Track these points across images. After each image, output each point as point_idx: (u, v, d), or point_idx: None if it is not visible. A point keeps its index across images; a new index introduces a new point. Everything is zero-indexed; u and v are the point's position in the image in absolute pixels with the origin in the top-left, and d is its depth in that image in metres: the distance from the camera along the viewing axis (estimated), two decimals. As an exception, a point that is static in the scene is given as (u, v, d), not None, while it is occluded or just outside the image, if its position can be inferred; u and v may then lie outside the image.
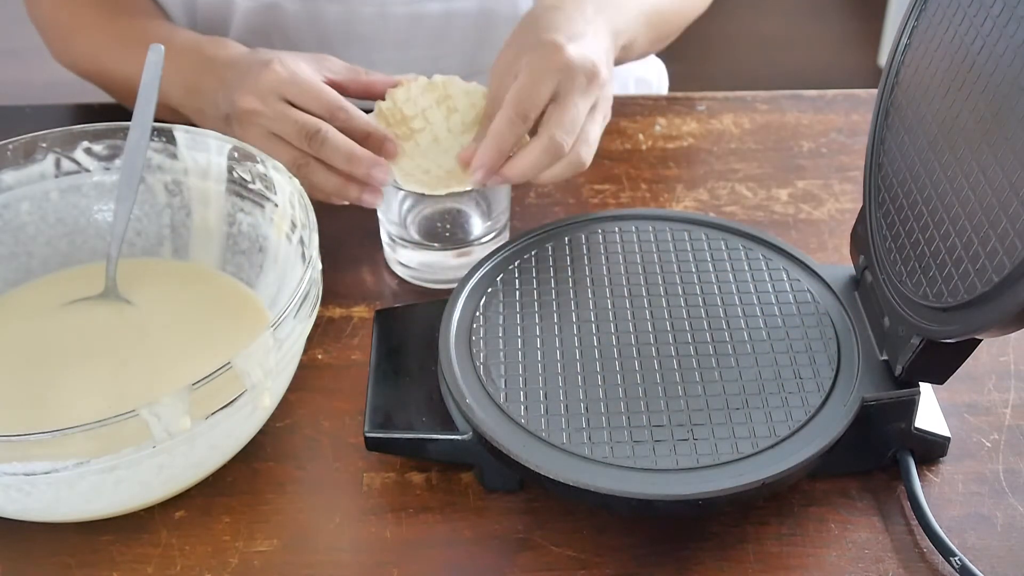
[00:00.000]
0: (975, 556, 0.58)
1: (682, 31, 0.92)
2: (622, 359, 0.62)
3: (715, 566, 0.58)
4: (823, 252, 0.78)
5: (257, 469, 0.63)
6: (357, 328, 0.72)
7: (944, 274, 0.55)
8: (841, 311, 0.65)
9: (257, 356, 0.56)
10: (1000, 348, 0.70)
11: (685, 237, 0.70)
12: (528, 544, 0.59)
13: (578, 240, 0.70)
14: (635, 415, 0.59)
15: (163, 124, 0.69)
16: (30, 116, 0.90)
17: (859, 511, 0.60)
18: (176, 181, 0.71)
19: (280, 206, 0.67)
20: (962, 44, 0.56)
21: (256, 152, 0.67)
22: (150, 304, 0.69)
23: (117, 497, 0.57)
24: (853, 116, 0.91)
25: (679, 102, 0.94)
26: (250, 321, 0.68)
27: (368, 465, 0.63)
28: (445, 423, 0.61)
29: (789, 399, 0.60)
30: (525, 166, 0.69)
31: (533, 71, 0.69)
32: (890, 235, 0.62)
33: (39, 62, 0.91)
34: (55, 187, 0.71)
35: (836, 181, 0.84)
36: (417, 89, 0.73)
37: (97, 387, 0.63)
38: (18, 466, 0.52)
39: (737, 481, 0.55)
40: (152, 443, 0.54)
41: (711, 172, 0.85)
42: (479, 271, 0.68)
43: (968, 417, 0.66)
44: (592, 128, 0.71)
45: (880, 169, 0.64)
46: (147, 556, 0.58)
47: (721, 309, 0.65)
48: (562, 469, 0.56)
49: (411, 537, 0.59)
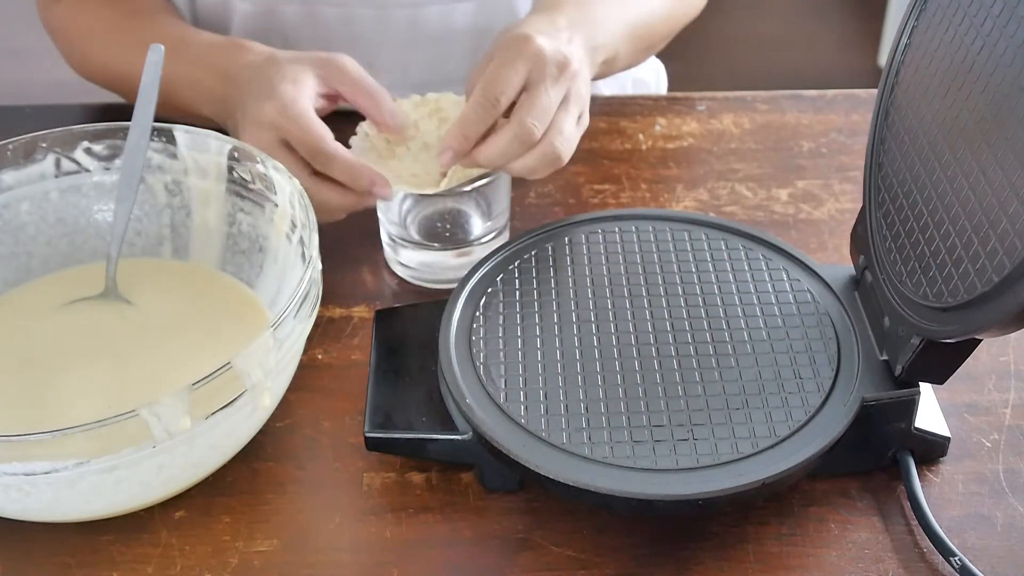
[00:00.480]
0: (975, 556, 0.58)
1: (674, 36, 0.92)
2: (622, 359, 0.62)
3: (715, 566, 0.58)
4: (823, 252, 0.78)
5: (257, 469, 0.63)
6: (357, 328, 0.72)
7: (944, 274, 0.55)
8: (841, 311, 0.65)
9: (257, 356, 0.56)
10: (1000, 348, 0.70)
11: (685, 237, 0.70)
12: (528, 544, 0.59)
13: (578, 240, 0.70)
14: (635, 415, 0.59)
15: (163, 124, 0.69)
16: (30, 116, 0.90)
17: (859, 511, 0.60)
18: (176, 181, 0.71)
19: (280, 206, 0.67)
20: (962, 44, 0.56)
21: (256, 152, 0.67)
22: (150, 304, 0.69)
23: (117, 497, 0.57)
24: (853, 116, 0.91)
25: (679, 102, 0.94)
26: (250, 321, 0.68)
27: (368, 465, 0.63)
28: (445, 423, 0.61)
29: (789, 399, 0.60)
30: (495, 151, 0.69)
31: (503, 59, 0.70)
32: (890, 235, 0.62)
33: (39, 62, 0.92)
34: (55, 187, 0.71)
35: (836, 181, 0.84)
36: (409, 105, 0.74)
37: (97, 387, 0.63)
38: (18, 466, 0.52)
39: (737, 481, 0.55)
40: (152, 443, 0.54)
41: (711, 172, 0.86)
42: (479, 271, 0.68)
43: (968, 417, 0.66)
44: (565, 119, 0.71)
45: (880, 169, 0.64)
46: (147, 556, 0.58)
47: (721, 309, 0.65)
48: (562, 469, 0.56)
49: (411, 537, 0.59)
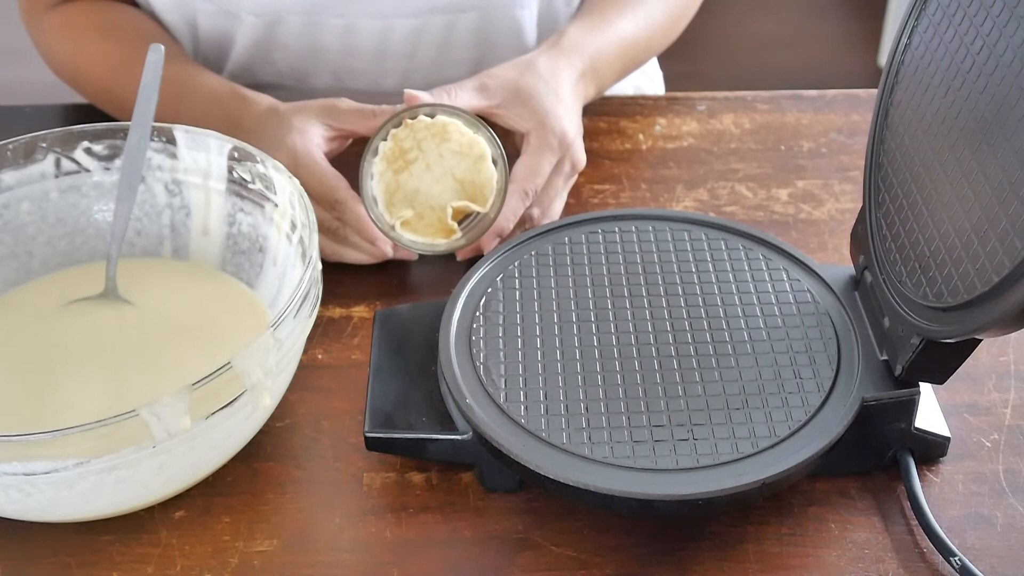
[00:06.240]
0: (975, 556, 0.58)
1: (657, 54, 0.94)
2: (622, 359, 0.62)
3: (715, 566, 0.58)
4: (823, 252, 0.78)
5: (257, 469, 0.63)
6: (357, 328, 0.72)
7: (944, 274, 0.55)
8: (841, 311, 0.65)
9: (257, 356, 0.56)
10: (1000, 348, 0.70)
11: (685, 237, 0.70)
12: (528, 544, 0.59)
13: (578, 240, 0.70)
14: (635, 415, 0.59)
15: (163, 124, 0.69)
16: (30, 116, 0.90)
17: (859, 511, 0.60)
18: (176, 181, 0.71)
19: (280, 206, 0.67)
20: (962, 44, 0.56)
21: (256, 152, 0.67)
22: (150, 304, 0.69)
23: (117, 497, 0.57)
24: (853, 116, 0.91)
25: (679, 102, 0.94)
26: (250, 321, 0.68)
27: (368, 465, 0.63)
28: (445, 423, 0.61)
29: (789, 399, 0.60)
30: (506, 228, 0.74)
31: (536, 150, 0.75)
32: (890, 235, 0.62)
33: (39, 62, 0.91)
34: (55, 187, 0.71)
35: (836, 181, 0.84)
36: (420, 126, 0.73)
37: (97, 387, 0.63)
38: (18, 466, 0.52)
39: (737, 481, 0.55)
40: (152, 443, 0.54)
41: (711, 172, 0.85)
42: (479, 271, 0.68)
43: (968, 417, 0.66)
44: (562, 192, 0.79)
45: (880, 169, 0.64)
46: (147, 556, 0.58)
47: (721, 309, 0.65)
48: (562, 469, 0.56)
49: (411, 537, 0.59)
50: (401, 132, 0.72)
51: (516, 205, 0.74)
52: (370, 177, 0.73)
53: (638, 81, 1.05)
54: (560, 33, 0.82)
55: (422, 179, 0.73)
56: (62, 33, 0.88)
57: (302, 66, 0.91)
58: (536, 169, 0.74)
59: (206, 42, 0.90)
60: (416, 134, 0.72)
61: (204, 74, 0.82)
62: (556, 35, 0.82)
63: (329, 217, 0.73)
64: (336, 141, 0.76)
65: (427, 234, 0.74)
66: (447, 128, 0.72)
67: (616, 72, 0.86)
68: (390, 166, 0.72)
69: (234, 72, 0.92)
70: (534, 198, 0.75)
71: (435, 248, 0.73)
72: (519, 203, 0.74)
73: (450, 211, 0.73)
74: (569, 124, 0.76)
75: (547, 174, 0.75)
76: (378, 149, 0.72)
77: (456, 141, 0.72)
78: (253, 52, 0.90)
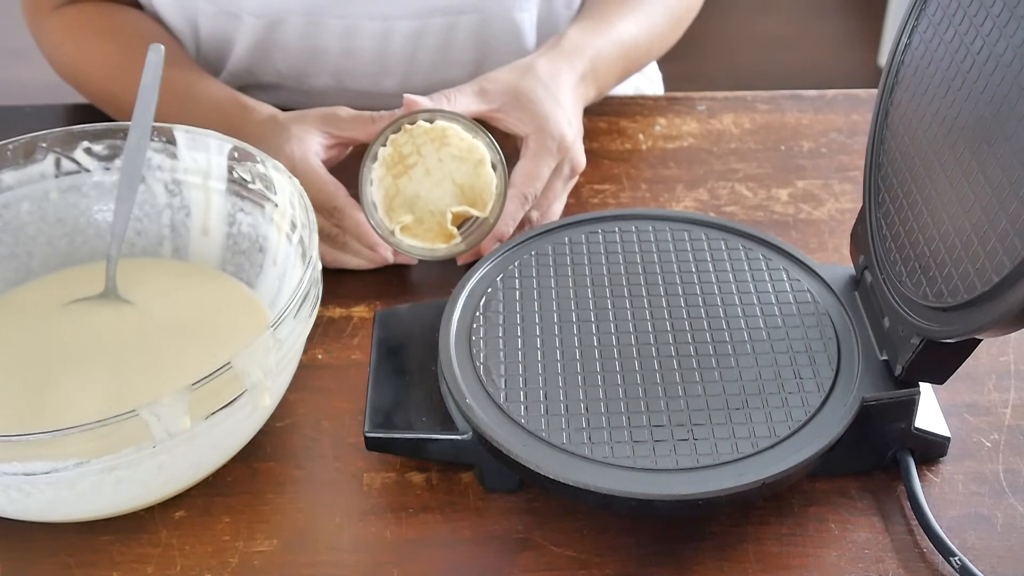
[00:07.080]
0: (975, 556, 0.58)
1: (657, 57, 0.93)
2: (622, 359, 0.62)
3: (715, 566, 0.58)
4: (823, 252, 0.78)
5: (257, 469, 0.63)
6: (357, 328, 0.72)
7: (944, 274, 0.55)
8: (841, 311, 0.65)
9: (257, 356, 0.56)
10: (1000, 348, 0.70)
11: (685, 237, 0.70)
12: (528, 544, 0.59)
13: (578, 240, 0.70)
14: (635, 415, 0.59)
15: (163, 124, 0.69)
16: (30, 116, 0.90)
17: (859, 511, 0.60)
18: (176, 181, 0.71)
19: (280, 206, 0.67)
20: (962, 44, 0.56)
21: (256, 152, 0.67)
22: (150, 304, 0.69)
23: (117, 497, 0.57)
24: (853, 116, 0.91)
25: (679, 102, 0.94)
26: (250, 321, 0.68)
27: (368, 465, 0.63)
28: (445, 423, 0.61)
29: (789, 399, 0.60)
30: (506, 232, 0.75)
31: (535, 155, 0.75)
32: (890, 235, 0.62)
33: (39, 62, 0.91)
34: (55, 187, 0.71)
35: (836, 181, 0.84)
36: (419, 131, 0.73)
37: (97, 387, 0.63)
38: (18, 466, 0.52)
39: (737, 481, 0.55)
40: (152, 443, 0.54)
41: (711, 172, 0.85)
42: (479, 271, 0.68)
43: (968, 417, 0.66)
44: (562, 194, 0.80)
45: (880, 169, 0.64)
46: (147, 556, 0.59)
47: (721, 309, 0.65)
48: (562, 469, 0.56)
49: (411, 537, 0.59)
50: (400, 137, 0.73)
51: (515, 209, 0.74)
52: (369, 183, 0.73)
53: (637, 82, 1.05)
54: (561, 35, 0.82)
55: (421, 184, 0.73)
56: (64, 35, 0.88)
57: (302, 67, 0.91)
58: (535, 173, 0.74)
59: (207, 43, 0.90)
60: (415, 139, 0.72)
61: (206, 81, 0.82)
62: (557, 37, 0.82)
63: (329, 224, 0.73)
64: (335, 149, 0.76)
65: (427, 239, 0.74)
66: (446, 133, 0.72)
67: (617, 74, 0.86)
68: (389, 171, 0.73)
69: (234, 72, 0.92)
70: (533, 202, 0.75)
71: (435, 253, 0.74)
72: (518, 207, 0.74)
73: (450, 216, 0.73)
74: (568, 127, 0.76)
75: (546, 178, 0.75)
76: (377, 154, 0.73)
77: (455, 146, 0.72)
78: (254, 53, 0.90)
